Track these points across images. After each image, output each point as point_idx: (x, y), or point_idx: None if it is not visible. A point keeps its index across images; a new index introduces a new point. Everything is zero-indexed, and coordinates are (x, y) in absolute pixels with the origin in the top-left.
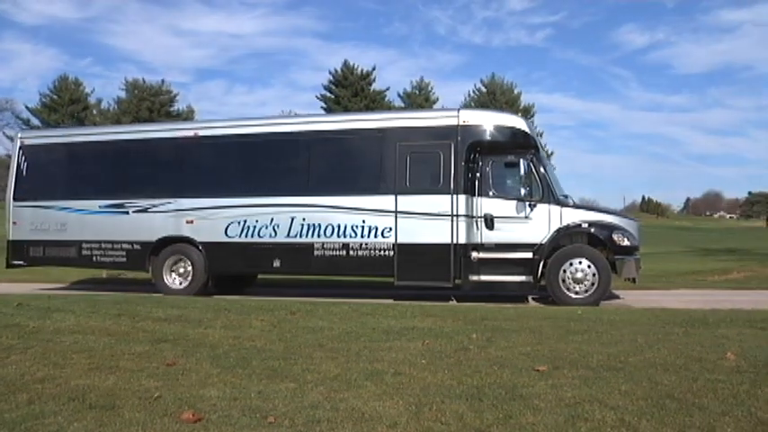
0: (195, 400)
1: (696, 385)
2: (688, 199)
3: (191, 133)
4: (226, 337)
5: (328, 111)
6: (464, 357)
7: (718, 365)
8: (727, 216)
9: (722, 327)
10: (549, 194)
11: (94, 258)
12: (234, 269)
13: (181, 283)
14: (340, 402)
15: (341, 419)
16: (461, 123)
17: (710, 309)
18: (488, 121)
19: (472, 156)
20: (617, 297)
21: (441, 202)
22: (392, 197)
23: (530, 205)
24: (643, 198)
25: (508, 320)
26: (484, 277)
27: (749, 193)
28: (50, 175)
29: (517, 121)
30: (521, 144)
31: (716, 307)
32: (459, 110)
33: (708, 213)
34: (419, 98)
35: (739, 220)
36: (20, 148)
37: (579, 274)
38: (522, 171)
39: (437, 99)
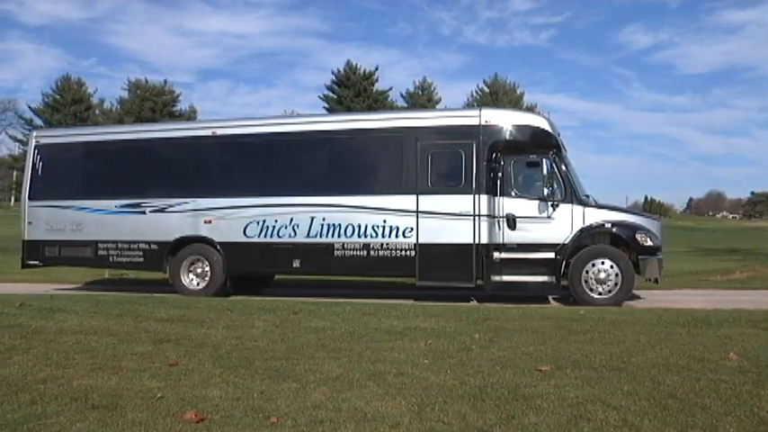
0: (198, 401)
1: (699, 385)
2: (691, 199)
3: (209, 132)
4: (228, 337)
5: (330, 111)
6: (466, 357)
7: (721, 365)
8: (730, 216)
9: (725, 327)
10: (572, 194)
11: (111, 259)
12: (253, 269)
13: (198, 284)
14: (342, 402)
15: (343, 420)
16: (483, 123)
17: (713, 309)
18: (510, 121)
19: (494, 155)
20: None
21: (462, 202)
22: (414, 197)
23: (552, 205)
24: (646, 198)
25: (510, 320)
26: (506, 277)
27: (752, 193)
28: (66, 174)
29: (539, 121)
30: (543, 143)
31: (718, 307)
32: (481, 109)
33: (710, 213)
34: (422, 98)
35: (742, 221)
36: (35, 147)
37: (602, 275)
38: (545, 171)
39: (440, 99)
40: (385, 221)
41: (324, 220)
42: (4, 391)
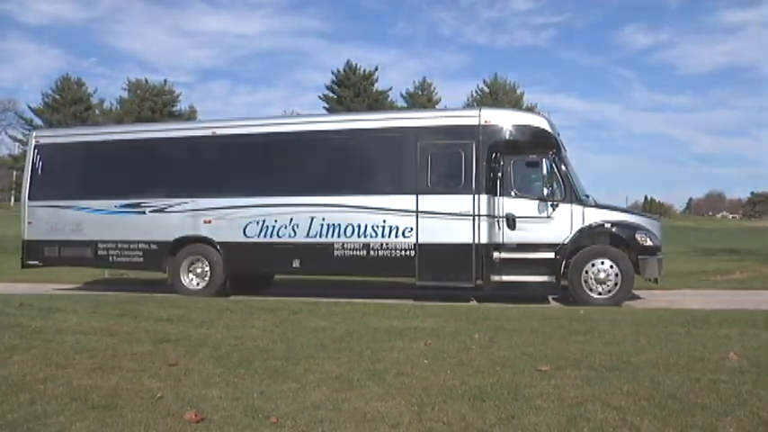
0: (197, 401)
1: (698, 385)
2: (690, 199)
3: (208, 132)
4: (228, 337)
5: (330, 111)
6: (466, 357)
7: (721, 365)
8: (730, 216)
9: (724, 327)
10: (572, 194)
11: (110, 259)
12: (253, 269)
13: (198, 284)
14: (342, 403)
15: (343, 420)
16: (483, 123)
17: (713, 309)
18: (510, 121)
19: (494, 155)
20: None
21: (462, 202)
22: (413, 197)
23: (552, 205)
24: (645, 198)
25: (510, 320)
26: (505, 277)
27: (752, 193)
28: (66, 174)
29: (539, 121)
30: (543, 143)
31: (718, 307)
32: (480, 109)
33: (710, 213)
34: (422, 98)
35: (742, 221)
36: (35, 147)
37: (602, 275)
38: (545, 171)
39: (440, 99)
40: (385, 221)
41: (324, 220)
42: (4, 391)
